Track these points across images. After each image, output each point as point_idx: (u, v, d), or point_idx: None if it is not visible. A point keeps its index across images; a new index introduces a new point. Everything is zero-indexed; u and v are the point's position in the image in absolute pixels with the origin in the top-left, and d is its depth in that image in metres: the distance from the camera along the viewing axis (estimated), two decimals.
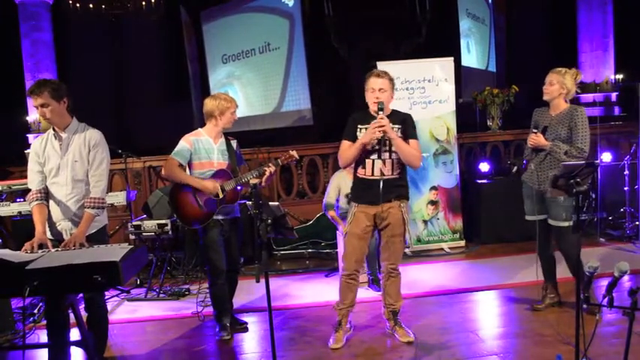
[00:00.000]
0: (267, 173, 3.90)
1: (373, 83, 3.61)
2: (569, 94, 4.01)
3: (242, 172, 4.03)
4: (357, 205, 3.71)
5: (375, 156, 3.59)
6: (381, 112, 3.49)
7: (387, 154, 3.59)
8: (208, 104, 3.94)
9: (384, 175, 3.59)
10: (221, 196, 3.87)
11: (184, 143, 3.91)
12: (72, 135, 3.36)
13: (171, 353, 3.88)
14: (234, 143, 4.08)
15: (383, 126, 3.43)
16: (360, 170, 3.69)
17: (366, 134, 3.54)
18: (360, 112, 3.74)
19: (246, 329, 4.14)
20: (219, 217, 3.93)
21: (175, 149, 3.90)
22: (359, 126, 3.66)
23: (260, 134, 9.55)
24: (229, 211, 4.01)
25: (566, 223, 3.94)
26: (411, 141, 3.63)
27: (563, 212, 3.94)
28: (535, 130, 3.98)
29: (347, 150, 3.64)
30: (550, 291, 4.21)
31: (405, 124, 3.67)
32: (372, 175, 3.62)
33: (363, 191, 3.67)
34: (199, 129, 4.02)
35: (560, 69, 4.01)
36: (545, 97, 4.05)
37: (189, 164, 3.94)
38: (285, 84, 9.56)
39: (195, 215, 3.91)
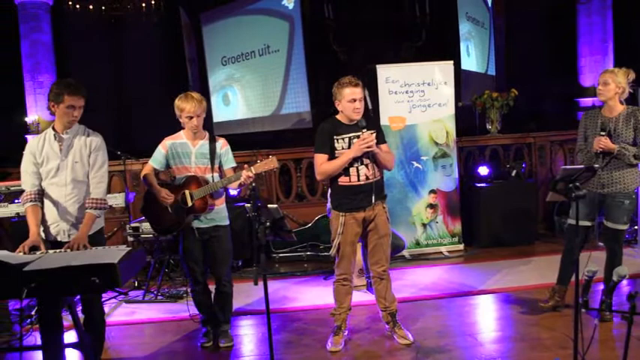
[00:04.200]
0: (244, 179, 3.55)
1: (353, 93, 3.54)
2: (624, 94, 3.91)
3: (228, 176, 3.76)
4: (344, 214, 3.66)
5: (357, 163, 3.60)
6: (365, 130, 3.51)
7: (367, 159, 3.62)
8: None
9: (369, 179, 3.62)
10: (189, 204, 3.69)
11: (160, 148, 3.81)
12: (73, 137, 3.35)
13: (168, 356, 3.87)
14: (219, 144, 3.81)
15: (370, 146, 3.49)
16: (342, 179, 3.64)
17: (353, 150, 3.53)
18: (329, 122, 3.70)
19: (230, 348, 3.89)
20: (196, 226, 3.77)
21: (153, 154, 3.83)
22: (335, 137, 3.62)
23: (259, 136, 9.55)
24: (208, 220, 3.78)
25: (624, 226, 3.95)
26: (383, 146, 3.70)
27: (624, 216, 3.93)
28: (603, 133, 3.85)
29: (329, 164, 3.61)
30: (559, 295, 4.20)
31: (378, 129, 3.71)
32: (358, 181, 3.62)
33: (350, 198, 3.64)
34: (181, 131, 3.85)
35: (611, 68, 3.95)
36: (601, 98, 3.95)
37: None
38: (284, 86, 9.56)
39: (165, 223, 3.82)
